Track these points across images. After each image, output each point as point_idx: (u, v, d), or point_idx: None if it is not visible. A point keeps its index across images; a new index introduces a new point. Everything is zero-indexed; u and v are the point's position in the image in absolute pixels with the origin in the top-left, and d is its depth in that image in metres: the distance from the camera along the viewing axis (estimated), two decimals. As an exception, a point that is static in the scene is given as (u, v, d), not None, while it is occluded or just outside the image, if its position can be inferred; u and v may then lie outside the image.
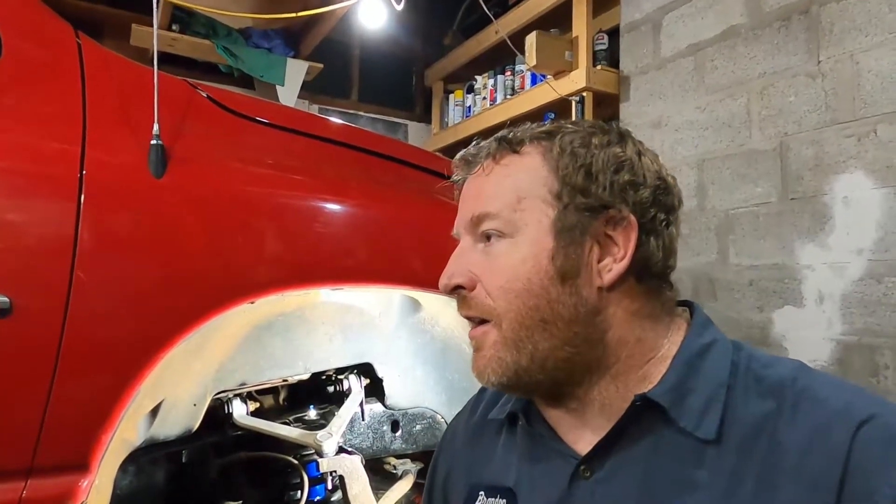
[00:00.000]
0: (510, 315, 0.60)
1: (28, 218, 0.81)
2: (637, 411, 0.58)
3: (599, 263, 0.60)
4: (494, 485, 0.67)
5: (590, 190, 0.61)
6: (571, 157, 0.62)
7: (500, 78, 3.30)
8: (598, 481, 0.59)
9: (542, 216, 0.61)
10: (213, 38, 3.13)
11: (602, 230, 0.61)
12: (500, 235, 0.61)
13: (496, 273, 0.61)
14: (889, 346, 1.67)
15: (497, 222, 0.61)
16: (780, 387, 0.56)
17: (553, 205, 0.61)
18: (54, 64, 0.92)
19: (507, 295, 0.60)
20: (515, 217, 0.61)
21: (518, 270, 0.60)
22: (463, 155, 0.68)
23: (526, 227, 0.61)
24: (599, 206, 0.60)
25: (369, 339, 1.31)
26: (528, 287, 0.59)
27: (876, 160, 1.73)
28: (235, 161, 1.00)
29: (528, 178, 0.62)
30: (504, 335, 0.60)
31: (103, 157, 0.86)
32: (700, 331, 0.63)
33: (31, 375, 0.78)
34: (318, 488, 1.29)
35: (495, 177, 0.64)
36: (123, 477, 1.12)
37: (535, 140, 0.64)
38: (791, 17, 1.97)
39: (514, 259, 0.60)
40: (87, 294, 0.80)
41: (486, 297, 0.61)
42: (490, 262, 0.61)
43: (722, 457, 0.55)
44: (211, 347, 1.06)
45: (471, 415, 0.78)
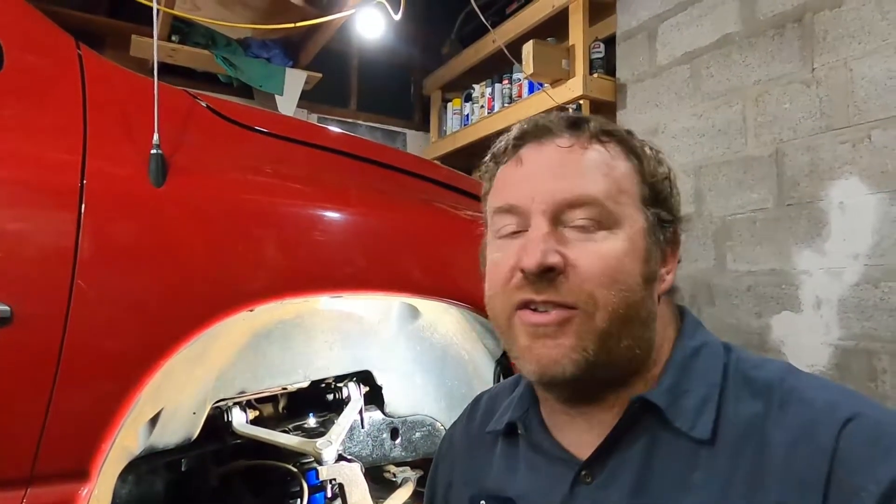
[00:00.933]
0: (609, 307, 0.56)
1: (29, 227, 0.81)
2: (634, 413, 0.59)
3: (660, 272, 0.62)
4: (496, 495, 0.67)
5: (668, 203, 0.62)
6: (657, 166, 0.62)
7: (498, 86, 3.32)
8: (598, 486, 0.59)
9: (637, 216, 0.60)
10: (213, 48, 3.15)
11: (666, 243, 0.62)
12: (597, 225, 0.58)
13: (601, 261, 0.57)
14: (887, 351, 1.68)
15: (600, 211, 0.58)
16: (769, 388, 0.57)
17: (642, 208, 0.60)
18: (55, 75, 0.93)
19: (613, 285, 0.56)
20: (617, 209, 0.58)
21: (623, 263, 0.57)
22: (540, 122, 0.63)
23: (626, 221, 0.59)
24: (671, 220, 0.62)
25: (368, 347, 1.32)
26: (630, 282, 0.57)
27: (871, 166, 1.74)
28: (235, 170, 1.01)
29: (624, 174, 0.60)
30: (595, 325, 0.56)
31: (104, 166, 0.87)
32: (692, 332, 0.64)
33: (31, 384, 0.78)
34: (318, 496, 1.29)
35: (595, 159, 0.60)
36: (122, 486, 1.12)
37: (621, 137, 0.63)
38: (785, 25, 1.99)
39: (619, 251, 0.57)
40: (88, 303, 0.80)
41: (582, 283, 0.56)
42: (591, 249, 0.57)
43: (715, 457, 0.55)
44: (210, 355, 1.06)
45: (468, 423, 0.78)
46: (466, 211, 1.34)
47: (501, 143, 0.66)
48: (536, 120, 0.64)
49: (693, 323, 0.65)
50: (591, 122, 0.63)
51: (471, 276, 1.28)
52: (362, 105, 4.02)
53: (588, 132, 0.61)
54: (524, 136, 0.63)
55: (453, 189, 1.37)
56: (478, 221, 1.45)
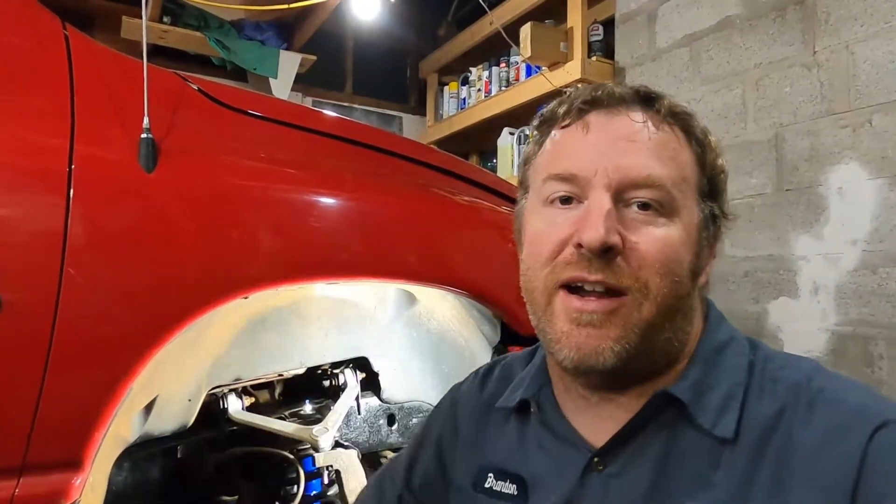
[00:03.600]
0: (660, 297, 0.54)
1: (16, 213, 0.79)
2: (656, 406, 0.57)
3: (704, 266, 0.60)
4: (504, 469, 0.66)
5: (723, 199, 0.60)
6: (716, 158, 0.60)
7: (495, 69, 3.29)
8: (611, 475, 0.58)
9: (694, 208, 0.57)
10: (205, 30, 3.10)
11: (713, 235, 0.60)
12: (659, 209, 0.55)
13: (658, 246, 0.54)
14: (883, 337, 1.68)
15: (665, 195, 0.55)
16: (796, 388, 0.55)
17: (697, 199, 0.58)
18: (41, 56, 0.91)
19: (669, 274, 0.54)
20: (678, 197, 0.56)
21: (679, 252, 0.55)
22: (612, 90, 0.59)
23: (683, 211, 0.56)
24: (721, 215, 0.60)
25: (365, 333, 1.31)
26: (683, 272, 0.55)
27: (871, 151, 1.73)
28: (228, 155, 0.99)
29: (686, 161, 0.58)
30: (642, 316, 0.54)
31: (92, 151, 0.85)
32: (716, 326, 0.62)
33: (21, 372, 0.77)
34: (315, 483, 1.29)
35: (665, 141, 0.57)
36: (118, 473, 1.11)
37: (682, 120, 0.59)
38: (787, 8, 1.96)
39: (676, 239, 0.55)
40: (78, 290, 0.79)
41: (639, 268, 0.54)
42: (652, 233, 0.54)
43: (736, 456, 0.54)
44: (205, 342, 1.05)
45: (480, 389, 0.76)
46: (463, 196, 1.33)
47: (563, 106, 0.61)
48: (609, 87, 0.60)
49: (717, 316, 0.64)
50: (665, 99, 0.59)
51: (468, 263, 1.28)
52: (358, 88, 3.98)
53: (662, 110, 0.58)
54: (595, 102, 0.59)
55: (450, 174, 1.35)
56: (475, 207, 1.43)
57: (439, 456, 0.76)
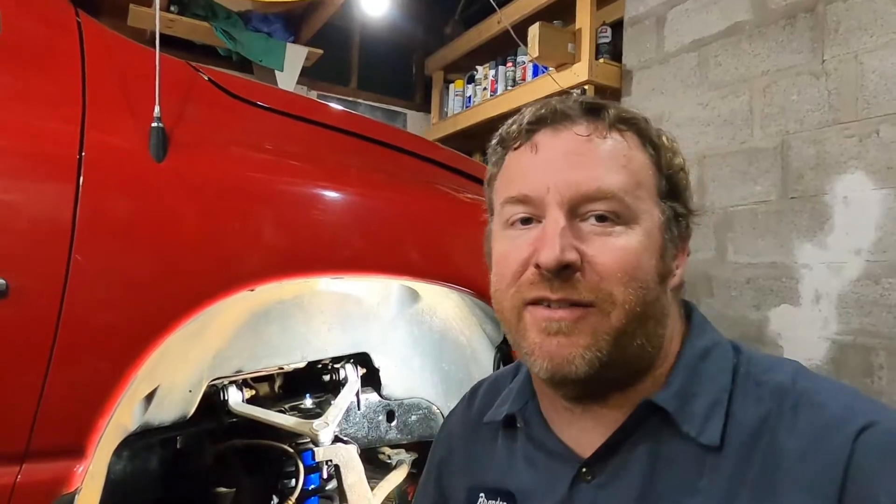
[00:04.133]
0: (627, 305, 0.55)
1: (26, 199, 0.79)
2: (641, 415, 0.58)
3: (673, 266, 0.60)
4: (495, 487, 0.66)
5: (684, 196, 0.60)
6: (673, 158, 0.60)
7: (502, 69, 3.28)
8: (599, 486, 0.58)
9: (654, 211, 0.58)
10: (213, 20, 3.09)
11: (679, 237, 0.60)
12: (615, 219, 0.56)
13: (618, 257, 0.55)
14: (884, 347, 1.68)
15: (619, 205, 0.56)
16: (780, 391, 0.55)
17: (657, 202, 0.58)
18: (54, 42, 0.90)
19: (631, 283, 0.55)
20: (634, 204, 0.56)
21: (641, 260, 0.55)
22: (557, 107, 0.60)
23: (642, 216, 0.57)
24: (685, 214, 0.60)
25: (367, 329, 1.31)
26: (647, 279, 0.56)
27: (877, 161, 1.73)
28: (238, 146, 0.98)
29: (641, 166, 0.58)
30: (611, 324, 0.55)
31: (103, 138, 0.85)
32: (700, 332, 0.62)
33: (27, 359, 0.77)
34: (313, 477, 1.29)
35: (614, 151, 0.57)
36: (117, 462, 1.11)
37: (640, 125, 0.60)
38: (797, 16, 1.96)
39: (636, 247, 0.55)
40: (85, 278, 0.79)
41: (600, 281, 0.54)
42: (609, 244, 0.55)
43: (723, 462, 0.54)
44: (208, 334, 1.05)
45: (466, 410, 0.77)
46: (468, 194, 1.33)
47: (513, 127, 0.62)
48: (553, 104, 0.60)
49: (701, 321, 0.64)
50: (610, 108, 0.60)
51: (472, 260, 1.28)
52: (363, 83, 3.97)
53: (607, 119, 0.58)
54: (539, 121, 0.60)
55: (455, 171, 1.35)
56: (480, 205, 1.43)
57: (439, 481, 0.77)
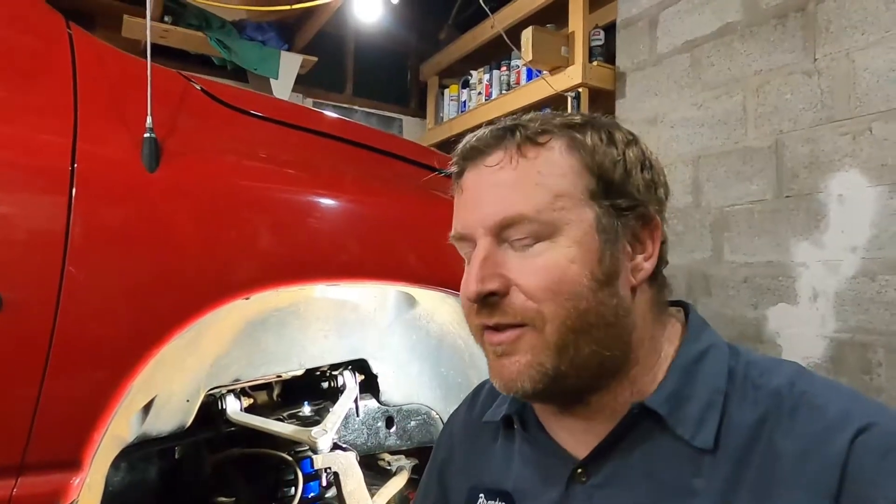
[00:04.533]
0: (558, 319, 0.55)
1: (18, 211, 0.79)
2: (634, 418, 0.58)
3: (631, 262, 0.59)
4: (494, 488, 0.67)
5: (625, 188, 0.59)
6: (605, 154, 0.59)
7: (496, 73, 3.29)
8: (595, 486, 0.59)
9: (582, 215, 0.57)
10: (207, 29, 3.10)
11: (634, 230, 0.60)
12: (535, 238, 0.57)
13: (540, 276, 0.56)
14: (882, 344, 1.68)
15: (532, 226, 0.56)
16: (778, 394, 0.55)
17: (590, 204, 0.58)
18: (45, 54, 0.91)
19: (557, 298, 0.55)
20: (553, 217, 0.57)
21: (567, 272, 0.56)
22: (471, 143, 0.62)
23: (567, 226, 0.57)
24: (633, 205, 0.59)
25: (364, 335, 1.30)
26: (577, 290, 0.56)
27: (871, 158, 1.73)
28: (230, 155, 0.99)
29: (561, 175, 0.58)
30: (546, 339, 0.56)
31: (95, 150, 0.85)
32: (697, 334, 0.62)
33: (21, 371, 0.76)
34: (313, 485, 1.28)
35: (523, 172, 0.58)
36: (115, 473, 1.11)
37: (560, 132, 0.60)
38: (788, 15, 1.97)
39: (560, 260, 0.56)
40: (79, 289, 0.79)
41: (525, 301, 0.56)
42: (530, 265, 0.56)
43: (718, 465, 0.54)
44: (205, 343, 1.05)
45: (468, 412, 0.77)
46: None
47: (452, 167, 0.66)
48: (468, 141, 0.63)
49: (698, 323, 0.63)
50: (520, 127, 0.60)
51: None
52: (358, 90, 3.98)
53: (515, 141, 0.59)
54: (462, 162, 0.63)
55: (451, 176, 1.35)
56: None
57: (441, 482, 0.77)
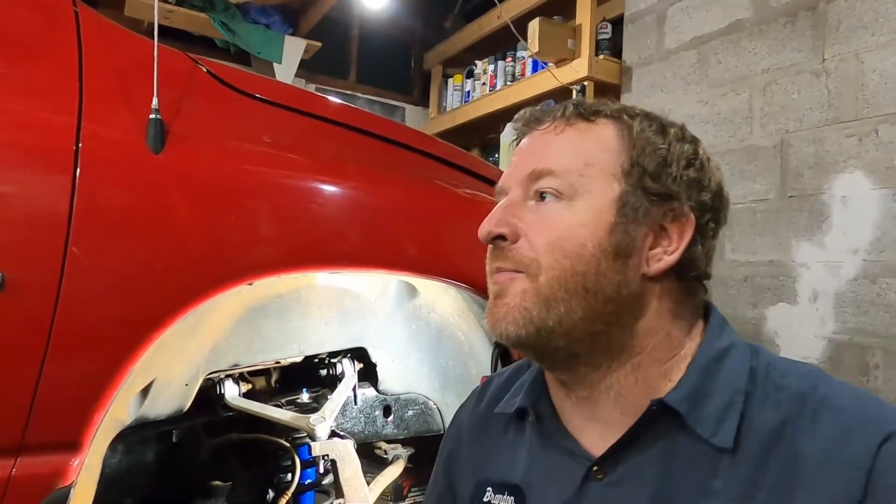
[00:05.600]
0: (553, 272, 0.58)
1: (21, 191, 0.78)
2: (653, 415, 0.57)
3: (650, 251, 0.60)
4: (502, 481, 0.66)
5: (660, 177, 0.60)
6: (648, 141, 0.61)
7: (501, 64, 3.27)
8: (610, 484, 0.58)
9: (607, 188, 0.59)
10: (210, 11, 3.07)
11: (661, 219, 0.60)
12: (556, 196, 0.60)
13: (547, 229, 0.59)
14: (880, 346, 1.69)
15: (557, 181, 0.60)
16: (800, 397, 0.55)
17: (620, 180, 0.60)
18: (50, 32, 0.89)
19: (556, 252, 0.58)
20: (578, 182, 0.59)
21: (573, 232, 0.58)
22: (531, 110, 0.67)
23: (588, 194, 0.59)
24: (665, 195, 0.60)
25: (365, 324, 1.30)
26: (579, 251, 0.58)
27: (876, 161, 1.73)
28: (237, 139, 0.97)
29: (599, 148, 0.61)
30: (538, 288, 0.58)
31: (100, 130, 0.84)
32: (718, 333, 0.61)
33: (22, 352, 0.76)
34: (310, 471, 1.28)
35: (565, 137, 0.62)
36: (113, 455, 1.10)
37: (612, 115, 0.63)
38: (798, 14, 1.95)
39: (569, 220, 0.59)
40: (82, 271, 0.78)
41: (528, 250, 0.59)
42: (541, 219, 0.60)
43: (737, 465, 0.54)
44: (205, 328, 1.04)
45: (476, 406, 0.77)
46: (466, 189, 1.32)
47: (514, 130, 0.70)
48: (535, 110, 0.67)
49: (719, 322, 0.63)
50: (577, 104, 0.64)
51: (470, 256, 1.28)
52: (361, 77, 3.95)
53: (567, 113, 0.63)
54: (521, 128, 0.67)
55: (454, 166, 1.34)
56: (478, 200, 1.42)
57: (448, 475, 0.76)
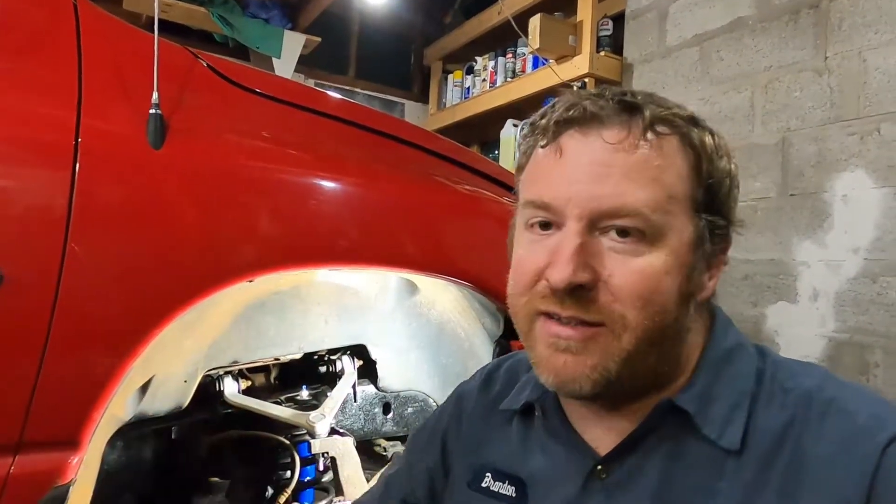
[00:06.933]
0: (640, 328, 0.52)
1: (20, 187, 0.77)
2: (660, 416, 0.57)
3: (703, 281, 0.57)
4: (504, 470, 0.66)
5: (726, 206, 0.56)
6: (717, 162, 0.55)
7: (501, 60, 3.26)
8: (614, 484, 0.58)
9: (684, 226, 0.53)
10: (209, 5, 3.06)
11: (714, 249, 0.56)
12: (639, 236, 0.52)
13: (636, 279, 0.52)
14: (880, 346, 1.69)
15: (643, 224, 0.52)
16: (807, 398, 0.54)
17: (692, 215, 0.54)
18: (49, 25, 0.88)
19: (647, 307, 0.52)
20: (663, 221, 0.52)
21: (662, 282, 0.52)
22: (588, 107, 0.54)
23: (671, 233, 0.52)
24: (725, 226, 0.56)
25: (364, 321, 1.30)
26: (665, 303, 0.52)
27: (878, 159, 1.73)
28: (237, 135, 0.97)
29: (675, 175, 0.53)
30: (622, 347, 0.52)
31: (99, 125, 0.83)
32: (724, 334, 0.61)
33: (21, 349, 0.75)
34: (309, 468, 1.28)
35: (643, 162, 0.53)
36: (111, 452, 1.10)
37: (675, 127, 0.54)
38: (800, 11, 1.95)
39: (658, 268, 0.52)
40: (81, 267, 0.77)
41: (612, 302, 0.52)
42: (628, 266, 0.52)
43: (743, 467, 0.53)
44: (204, 324, 1.04)
45: (483, 390, 0.75)
46: (467, 185, 1.31)
47: (542, 120, 0.58)
48: (584, 101, 0.55)
49: (724, 322, 0.62)
50: (648, 107, 0.54)
51: (472, 254, 1.27)
52: (361, 72, 3.94)
53: (642, 122, 0.53)
54: (569, 122, 0.55)
55: (455, 163, 1.33)
56: (479, 197, 1.40)
57: (443, 451, 0.75)
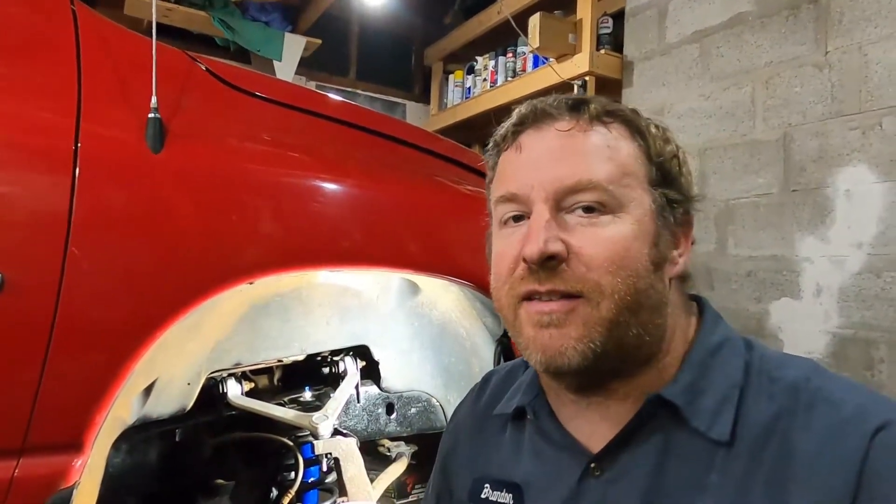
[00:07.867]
0: (616, 294, 0.55)
1: (20, 191, 0.78)
2: (650, 410, 0.57)
3: (670, 255, 0.60)
4: (500, 479, 0.66)
5: (679, 182, 0.60)
6: (664, 145, 0.60)
7: (502, 59, 3.26)
8: (608, 481, 0.58)
9: (643, 198, 0.58)
10: (210, 9, 3.06)
11: (676, 223, 0.60)
12: (602, 209, 0.56)
13: (605, 246, 0.55)
14: (885, 341, 1.68)
15: (604, 195, 0.56)
16: (794, 389, 0.55)
17: (648, 189, 0.58)
18: (48, 31, 0.89)
19: (619, 272, 0.55)
20: (622, 192, 0.57)
21: (630, 248, 0.56)
22: (539, 106, 0.61)
23: (632, 204, 0.57)
24: (681, 200, 0.60)
25: (366, 322, 1.30)
26: (636, 267, 0.56)
27: (880, 154, 1.72)
28: (236, 138, 0.97)
29: (628, 155, 0.59)
30: (602, 314, 0.55)
31: (99, 130, 0.83)
32: (712, 327, 0.62)
33: (23, 353, 0.76)
34: (313, 469, 1.28)
35: (596, 143, 0.58)
36: (115, 455, 1.10)
37: (619, 116, 0.60)
38: (800, 6, 1.94)
39: (625, 234, 0.56)
40: (82, 271, 0.78)
41: (586, 271, 0.55)
42: (595, 234, 0.56)
43: (733, 459, 0.54)
44: (207, 326, 1.04)
45: (475, 402, 0.77)
46: (468, 186, 1.31)
47: (502, 130, 0.64)
48: (535, 104, 0.62)
49: (713, 316, 0.63)
50: (593, 103, 0.61)
51: (472, 253, 1.27)
52: (362, 74, 3.95)
53: (588, 114, 0.59)
54: (523, 122, 0.62)
55: (455, 163, 1.34)
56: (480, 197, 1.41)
57: (445, 473, 0.76)
